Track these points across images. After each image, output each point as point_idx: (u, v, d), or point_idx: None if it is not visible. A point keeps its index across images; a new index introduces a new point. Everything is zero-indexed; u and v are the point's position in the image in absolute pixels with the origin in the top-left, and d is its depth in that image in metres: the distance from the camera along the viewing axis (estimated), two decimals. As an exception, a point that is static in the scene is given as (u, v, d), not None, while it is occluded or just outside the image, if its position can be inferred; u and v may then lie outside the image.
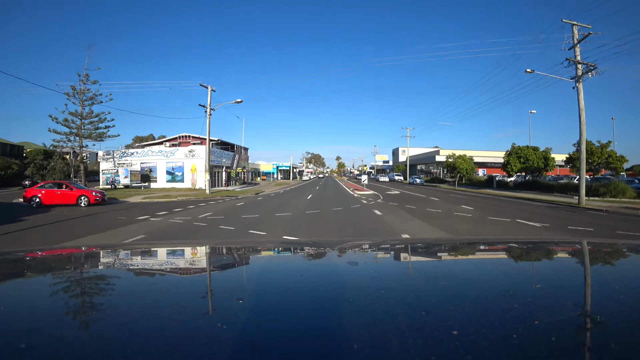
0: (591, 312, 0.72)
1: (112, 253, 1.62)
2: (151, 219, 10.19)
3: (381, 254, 1.56)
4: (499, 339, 0.56)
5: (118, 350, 0.54)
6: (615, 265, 1.27)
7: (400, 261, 1.42)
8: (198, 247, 1.83)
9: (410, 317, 0.66)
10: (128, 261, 1.41)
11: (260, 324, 0.64)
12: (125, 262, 1.38)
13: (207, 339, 0.56)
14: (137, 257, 1.51)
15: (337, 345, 0.55)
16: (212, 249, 1.75)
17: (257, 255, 1.58)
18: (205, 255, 1.57)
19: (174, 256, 1.57)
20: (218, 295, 0.85)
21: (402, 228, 8.39)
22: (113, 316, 0.72)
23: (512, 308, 0.71)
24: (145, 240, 6.82)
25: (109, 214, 11.76)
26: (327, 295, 0.84)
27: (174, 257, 1.54)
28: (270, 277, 1.09)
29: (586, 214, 11.97)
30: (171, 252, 1.66)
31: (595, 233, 7.94)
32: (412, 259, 1.46)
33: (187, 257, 1.54)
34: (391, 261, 1.43)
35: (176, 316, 0.68)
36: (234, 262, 1.47)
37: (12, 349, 0.53)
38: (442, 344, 0.53)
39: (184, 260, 1.50)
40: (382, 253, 1.58)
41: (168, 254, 1.60)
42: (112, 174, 30.05)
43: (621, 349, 0.53)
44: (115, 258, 1.45)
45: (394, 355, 0.50)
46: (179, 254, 1.65)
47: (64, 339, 0.59)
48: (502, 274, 1.13)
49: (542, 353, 0.51)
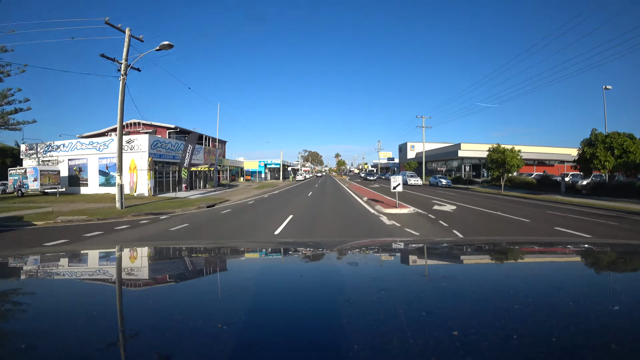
0: (591, 312, 0.71)
1: None
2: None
3: (383, 255, 1.55)
4: (499, 339, 0.57)
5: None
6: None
7: (401, 262, 1.43)
8: (192, 246, 1.91)
9: (410, 318, 0.66)
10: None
11: (260, 324, 0.65)
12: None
13: (209, 340, 0.57)
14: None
15: (338, 345, 0.56)
16: (210, 248, 1.80)
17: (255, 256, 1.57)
18: (199, 254, 1.61)
19: (170, 257, 1.57)
20: (215, 296, 0.86)
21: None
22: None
23: (512, 308, 0.72)
24: None
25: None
26: (327, 296, 0.84)
27: (172, 258, 1.54)
28: (270, 277, 1.10)
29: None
30: (170, 251, 1.71)
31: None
32: (414, 259, 1.46)
33: (181, 257, 1.54)
34: (392, 262, 1.43)
35: (178, 317, 0.69)
36: (233, 261, 1.49)
37: None
38: (443, 345, 0.53)
39: (187, 260, 1.48)
40: (383, 254, 1.56)
41: (159, 255, 1.60)
42: (19, 176, 21.21)
43: (622, 349, 0.53)
44: None
45: (394, 356, 0.51)
46: (176, 253, 1.65)
47: None
48: (504, 274, 1.14)
49: (542, 353, 0.51)
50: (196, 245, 2.15)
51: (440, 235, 7.59)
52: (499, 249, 1.64)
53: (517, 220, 9.75)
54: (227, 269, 1.34)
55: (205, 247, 1.87)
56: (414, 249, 1.74)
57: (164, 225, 9.47)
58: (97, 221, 10.46)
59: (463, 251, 1.63)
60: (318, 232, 8.05)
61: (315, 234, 7.89)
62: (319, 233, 7.92)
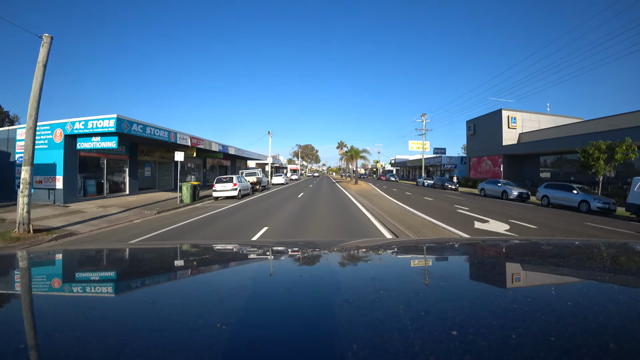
0: (591, 311, 0.70)
1: None
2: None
3: (380, 253, 1.54)
4: (498, 339, 0.57)
5: None
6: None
7: (400, 262, 1.40)
8: (186, 247, 1.87)
9: (410, 317, 0.66)
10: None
11: (260, 324, 0.65)
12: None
13: (207, 339, 0.57)
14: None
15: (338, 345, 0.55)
16: (208, 248, 1.78)
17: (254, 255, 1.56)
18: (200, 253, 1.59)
19: (165, 256, 1.56)
20: (214, 295, 0.86)
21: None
22: None
23: (511, 308, 0.72)
24: None
25: None
26: (326, 295, 0.85)
27: (166, 258, 1.52)
28: (270, 276, 1.10)
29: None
30: (160, 252, 1.68)
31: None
32: (413, 258, 1.46)
33: (174, 255, 1.54)
34: (391, 261, 1.42)
35: (177, 316, 0.69)
36: (231, 260, 1.48)
37: None
38: (441, 344, 0.54)
39: (180, 260, 1.46)
40: (381, 253, 1.56)
41: (147, 255, 1.55)
42: None
43: (621, 349, 0.53)
44: None
45: (394, 355, 0.51)
46: (171, 253, 1.64)
47: None
48: (502, 273, 1.13)
49: (541, 353, 0.51)
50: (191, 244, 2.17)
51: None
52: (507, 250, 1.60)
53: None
54: (226, 267, 1.34)
55: (203, 246, 1.87)
56: (413, 248, 1.73)
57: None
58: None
59: (464, 250, 1.62)
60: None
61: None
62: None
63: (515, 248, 1.64)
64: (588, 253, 1.42)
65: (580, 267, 1.19)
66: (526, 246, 1.67)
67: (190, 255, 1.57)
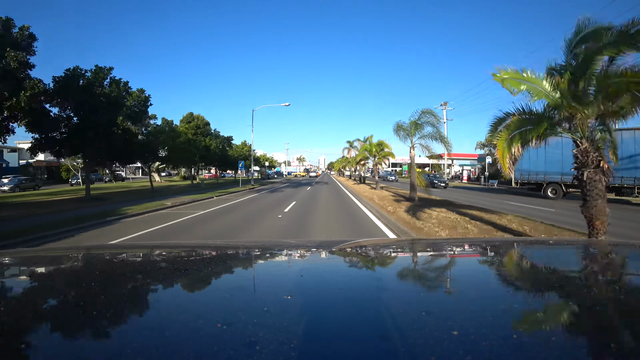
0: (591, 311, 0.71)
1: None
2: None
3: (382, 253, 1.56)
4: (499, 339, 0.57)
5: None
6: None
7: (400, 261, 1.41)
8: (188, 246, 1.89)
9: (410, 317, 0.66)
10: None
11: (261, 324, 0.65)
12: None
13: (208, 339, 0.57)
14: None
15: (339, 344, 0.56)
16: (207, 247, 1.83)
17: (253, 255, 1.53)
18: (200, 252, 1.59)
19: (165, 256, 1.55)
20: (214, 295, 0.87)
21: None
22: None
23: (511, 308, 0.72)
24: None
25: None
26: (327, 295, 0.86)
27: (166, 258, 1.51)
28: (269, 276, 1.11)
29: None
30: (160, 252, 1.70)
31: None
32: (413, 258, 1.46)
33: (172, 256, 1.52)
34: (391, 261, 1.42)
35: (176, 316, 0.70)
36: (233, 260, 1.46)
37: None
38: (442, 344, 0.54)
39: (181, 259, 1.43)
40: (382, 252, 1.58)
41: (159, 254, 1.60)
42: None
43: (622, 348, 0.54)
44: None
45: (395, 355, 0.51)
46: (170, 253, 1.64)
47: None
48: (502, 273, 1.13)
49: (541, 353, 0.52)
50: (188, 244, 2.10)
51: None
52: (504, 248, 1.61)
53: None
54: (227, 266, 1.35)
55: (202, 246, 1.85)
56: (414, 247, 1.73)
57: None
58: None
59: (465, 250, 1.62)
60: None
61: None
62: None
63: (520, 248, 1.62)
64: None
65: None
66: (533, 245, 1.63)
67: (190, 255, 1.58)
